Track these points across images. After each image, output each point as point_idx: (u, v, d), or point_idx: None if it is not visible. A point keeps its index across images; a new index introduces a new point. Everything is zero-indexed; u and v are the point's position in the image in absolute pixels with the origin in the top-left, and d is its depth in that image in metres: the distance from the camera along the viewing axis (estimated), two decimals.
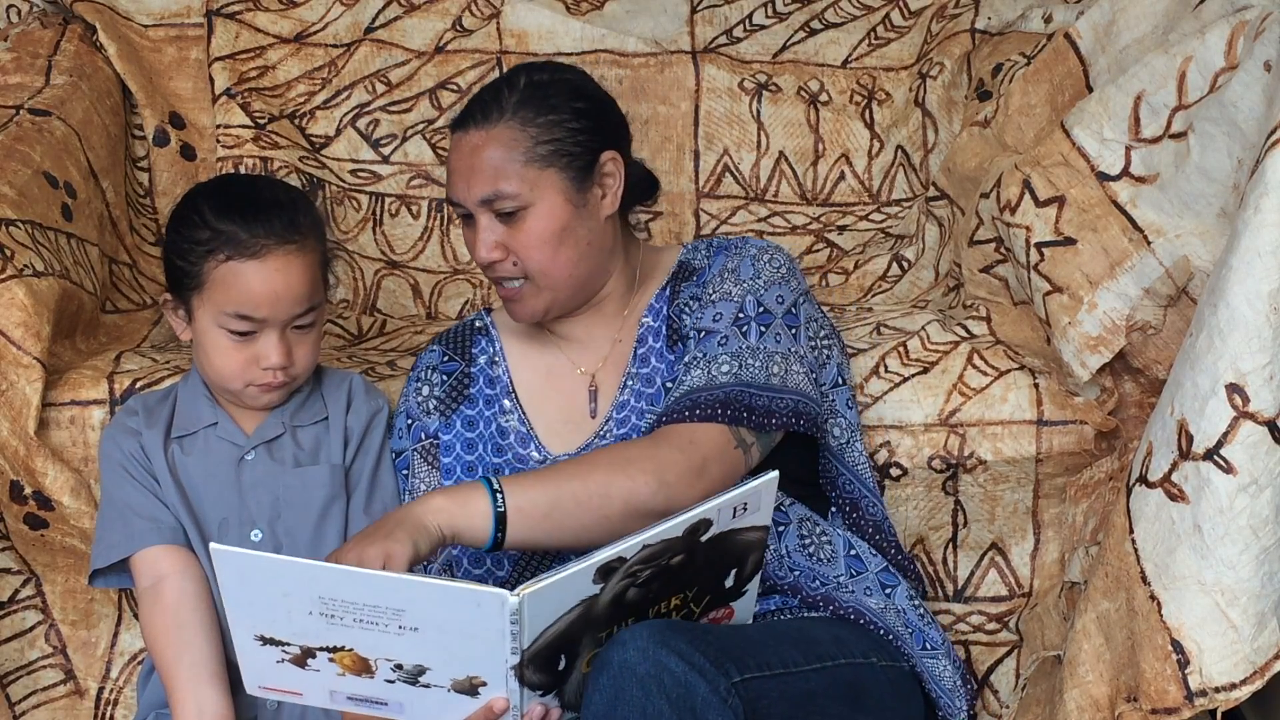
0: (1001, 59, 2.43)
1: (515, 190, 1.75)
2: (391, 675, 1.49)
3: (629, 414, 1.82)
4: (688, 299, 1.84)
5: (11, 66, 2.38)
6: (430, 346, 1.94)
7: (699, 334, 1.78)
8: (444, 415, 1.87)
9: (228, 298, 1.73)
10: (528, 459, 1.82)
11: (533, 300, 1.80)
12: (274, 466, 1.80)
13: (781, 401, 1.73)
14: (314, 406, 1.86)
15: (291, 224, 1.76)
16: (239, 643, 1.50)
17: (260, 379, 1.77)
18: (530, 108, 1.77)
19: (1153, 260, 1.86)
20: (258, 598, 1.45)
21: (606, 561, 1.43)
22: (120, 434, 1.82)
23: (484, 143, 1.76)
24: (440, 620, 1.43)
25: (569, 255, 1.78)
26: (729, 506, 1.49)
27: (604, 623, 1.50)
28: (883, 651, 1.71)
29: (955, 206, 2.30)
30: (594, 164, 1.79)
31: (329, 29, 2.63)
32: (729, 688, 1.47)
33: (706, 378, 1.73)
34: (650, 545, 1.45)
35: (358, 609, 1.43)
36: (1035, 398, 1.96)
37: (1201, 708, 1.54)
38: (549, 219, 1.76)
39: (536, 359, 1.89)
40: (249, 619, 1.48)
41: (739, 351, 1.74)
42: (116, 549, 1.77)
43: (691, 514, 1.46)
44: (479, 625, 1.42)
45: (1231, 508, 1.51)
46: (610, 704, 1.45)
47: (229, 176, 2.39)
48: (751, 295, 1.79)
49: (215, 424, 1.82)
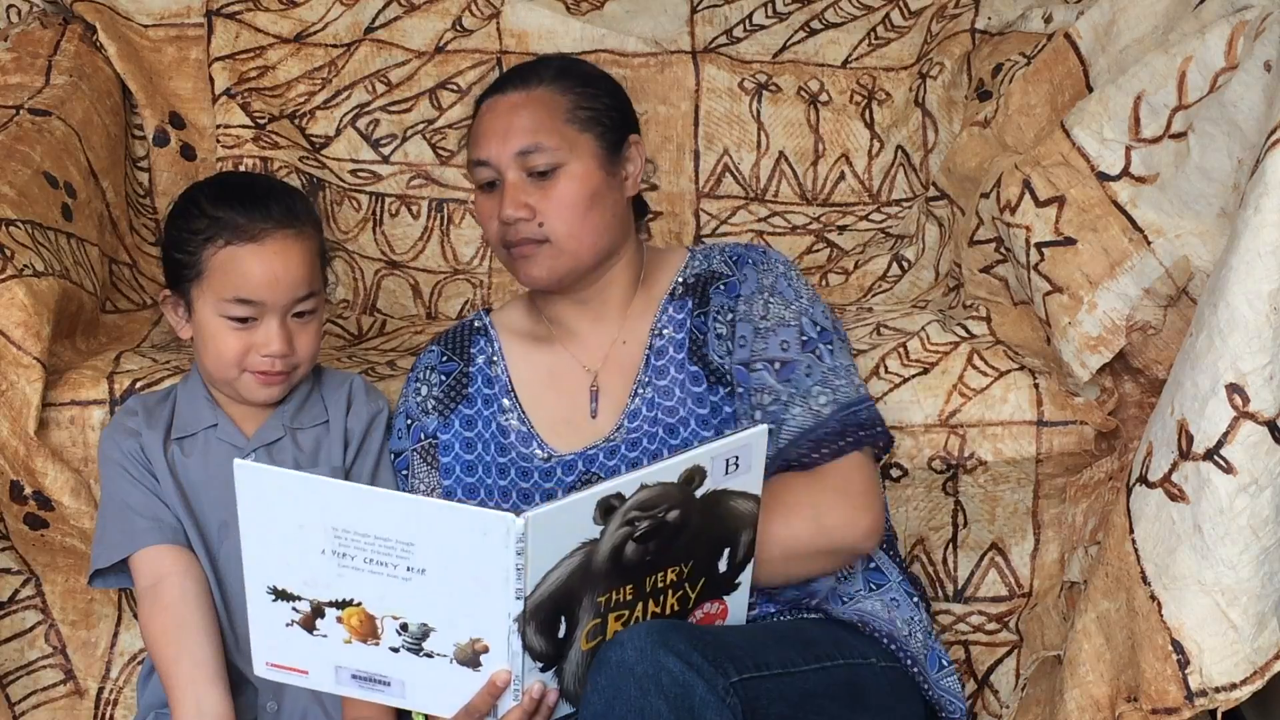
0: (1001, 59, 2.43)
1: (554, 145, 1.75)
2: (396, 641, 1.50)
3: (641, 423, 1.80)
4: (720, 308, 1.82)
5: (11, 66, 2.38)
6: (429, 347, 1.94)
7: (772, 364, 1.77)
8: (442, 415, 1.86)
9: (227, 283, 1.74)
10: (531, 458, 1.82)
11: (551, 261, 1.78)
12: None
13: (874, 409, 1.77)
14: (314, 408, 1.86)
15: (289, 210, 1.78)
16: (252, 601, 1.51)
17: (259, 366, 1.77)
18: (569, 78, 1.80)
19: (1153, 260, 1.86)
20: (274, 531, 1.47)
21: (606, 497, 1.45)
22: (120, 434, 1.82)
23: (522, 102, 1.78)
24: (448, 555, 1.45)
25: (595, 222, 1.78)
26: (720, 457, 1.51)
27: (602, 582, 1.50)
28: (881, 652, 1.71)
29: (955, 206, 2.30)
30: (623, 142, 1.81)
31: (329, 29, 2.63)
32: (727, 687, 1.47)
33: (812, 415, 1.73)
34: (648, 486, 1.47)
35: (368, 543, 1.45)
36: (1035, 398, 1.96)
37: (1201, 708, 1.54)
38: (583, 181, 1.76)
39: (537, 358, 1.88)
40: (263, 561, 1.50)
41: (825, 378, 1.76)
42: (117, 548, 1.77)
43: (685, 457, 1.48)
44: (485, 560, 1.44)
45: (1231, 508, 1.51)
46: (608, 704, 1.45)
47: (226, 173, 2.39)
48: (805, 316, 1.80)
49: (215, 425, 1.82)
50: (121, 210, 2.38)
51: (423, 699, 1.55)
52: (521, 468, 1.82)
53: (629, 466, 1.77)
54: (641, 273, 1.88)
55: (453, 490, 1.83)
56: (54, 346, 1.97)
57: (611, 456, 1.79)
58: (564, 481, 1.79)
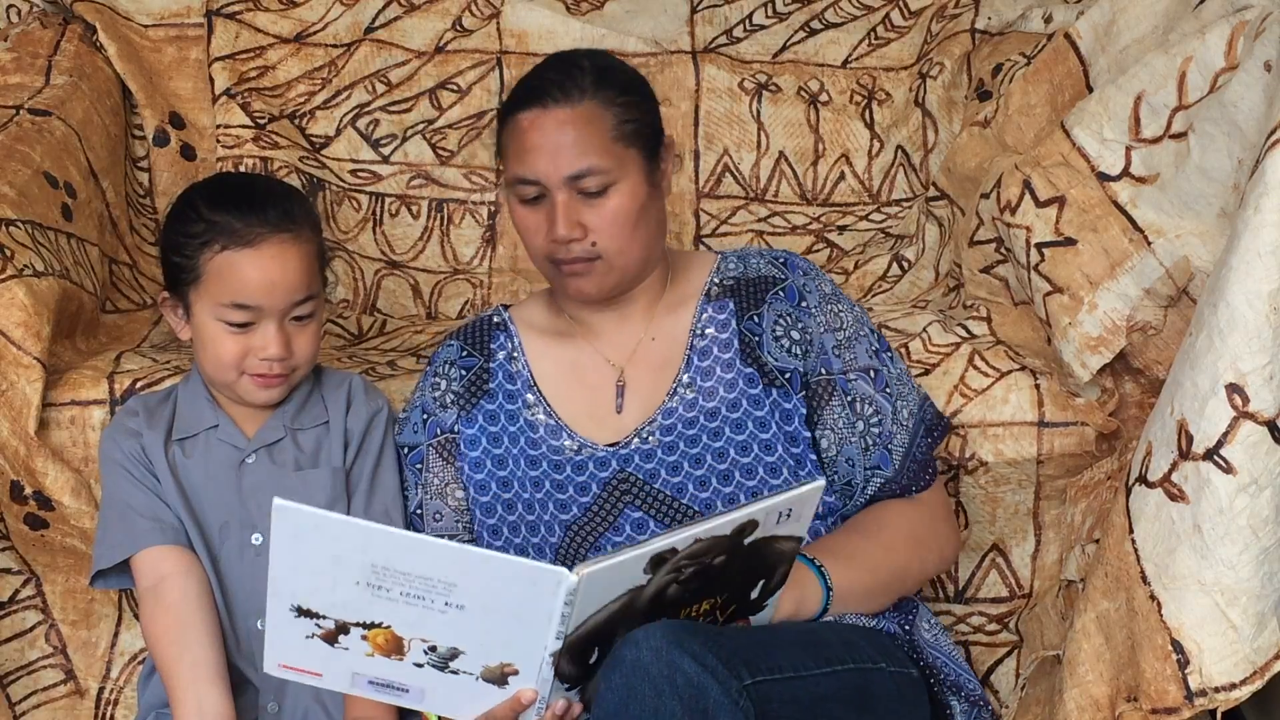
0: (1001, 59, 2.43)
1: (606, 166, 1.74)
2: (422, 658, 1.48)
3: (676, 422, 1.80)
4: (782, 313, 1.82)
5: (11, 66, 2.38)
6: (448, 341, 1.92)
7: (867, 373, 1.82)
8: (464, 410, 1.86)
9: (224, 288, 1.73)
10: (561, 449, 1.81)
11: (602, 278, 1.78)
12: (275, 470, 1.80)
13: (931, 402, 1.90)
14: (314, 409, 1.85)
15: (286, 213, 1.77)
16: (272, 613, 1.47)
17: (257, 369, 1.76)
18: (610, 87, 1.78)
19: (1153, 260, 1.86)
20: (307, 562, 1.43)
21: (660, 551, 1.44)
22: (121, 435, 1.82)
23: (571, 119, 1.75)
24: (491, 597, 1.43)
25: (643, 236, 1.78)
26: (775, 511, 1.50)
27: (640, 618, 1.50)
28: (892, 657, 1.71)
29: (955, 206, 2.30)
30: (659, 146, 1.81)
31: (329, 29, 2.63)
32: (740, 690, 1.47)
33: (905, 431, 1.83)
34: (701, 540, 1.47)
35: (409, 580, 1.42)
36: (1036, 399, 1.96)
37: (1201, 708, 1.54)
38: (632, 198, 1.76)
39: (559, 353, 1.87)
40: (291, 586, 1.45)
41: (897, 389, 1.84)
42: (119, 549, 1.77)
43: (743, 513, 1.48)
44: (529, 604, 1.42)
45: (1231, 508, 1.51)
46: (623, 703, 1.45)
47: (223, 174, 2.38)
48: (864, 325, 1.86)
49: (216, 426, 1.82)
50: (121, 210, 2.38)
51: (441, 705, 1.54)
52: (553, 460, 1.81)
53: (667, 470, 1.77)
54: (669, 272, 1.88)
55: (486, 484, 1.82)
56: (54, 346, 1.97)
57: (649, 459, 1.79)
58: (597, 476, 1.79)
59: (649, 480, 1.77)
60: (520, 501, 1.81)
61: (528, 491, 1.81)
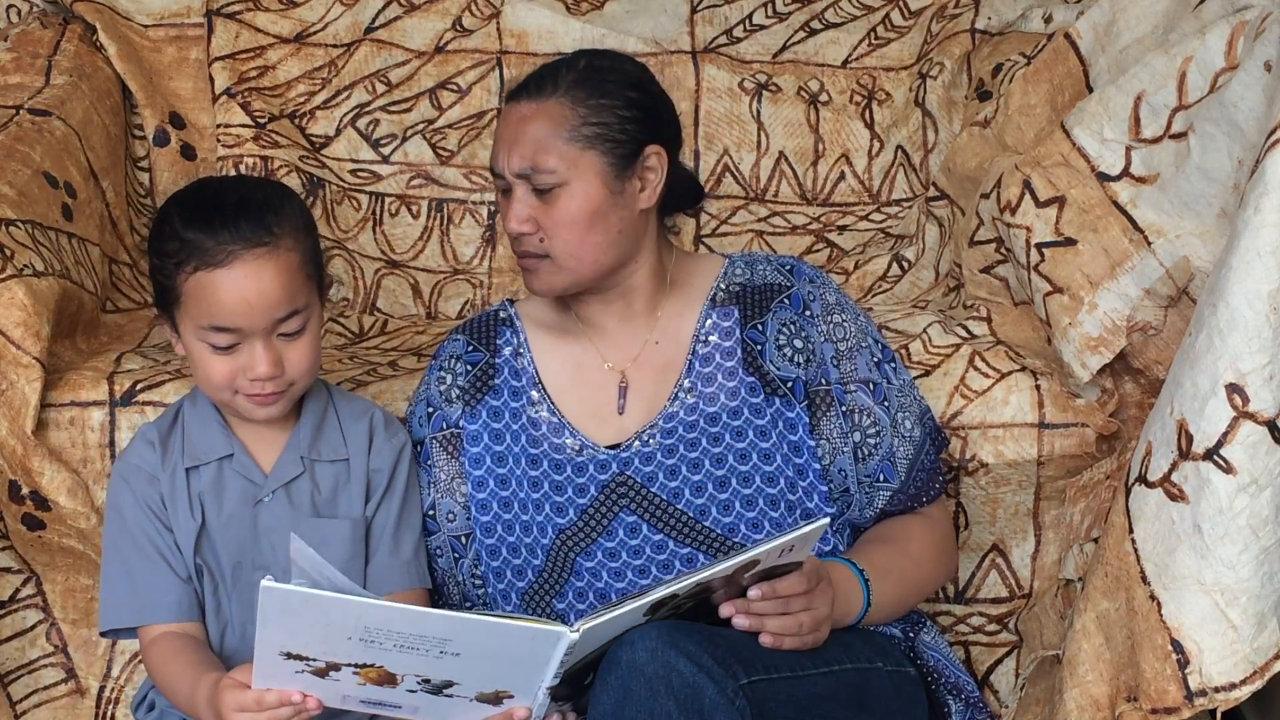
0: (1001, 59, 2.43)
1: (553, 166, 1.74)
2: (415, 687, 1.48)
3: (677, 426, 1.79)
4: (785, 321, 1.82)
5: (11, 66, 2.38)
6: (454, 335, 1.92)
7: (866, 385, 1.82)
8: (468, 404, 1.85)
9: (201, 310, 1.65)
10: (563, 448, 1.81)
11: (550, 277, 1.79)
12: (292, 512, 1.73)
13: (933, 415, 1.90)
14: (332, 436, 1.78)
15: (259, 225, 1.66)
16: (260, 657, 1.46)
17: (249, 390, 1.68)
18: (584, 88, 1.77)
19: (1153, 261, 1.86)
20: (298, 626, 1.42)
21: (661, 599, 1.47)
22: (137, 479, 1.73)
23: (531, 115, 1.76)
24: (488, 652, 1.43)
25: (597, 240, 1.77)
26: (777, 549, 1.51)
27: None
28: (888, 656, 1.71)
29: (955, 206, 2.30)
30: (638, 155, 1.78)
31: (329, 29, 2.63)
32: (736, 690, 1.48)
33: (911, 444, 1.83)
34: (702, 584, 1.49)
35: (403, 636, 1.42)
36: (1037, 400, 1.96)
37: (1201, 708, 1.54)
38: (583, 200, 1.75)
39: (564, 351, 1.87)
40: (280, 639, 1.44)
41: (901, 401, 1.84)
42: (123, 617, 1.72)
43: (746, 556, 1.49)
44: (527, 655, 1.43)
45: (1231, 508, 1.51)
46: (619, 704, 1.46)
47: (205, 181, 2.16)
48: (869, 335, 1.85)
49: (230, 456, 1.74)
50: (121, 210, 2.38)
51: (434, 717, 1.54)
52: (554, 460, 1.81)
53: (665, 474, 1.77)
54: (668, 275, 1.86)
55: (484, 481, 1.82)
56: (54, 346, 1.96)
57: (648, 463, 1.78)
58: (596, 479, 1.78)
59: (646, 484, 1.77)
60: (516, 501, 1.81)
61: (524, 491, 1.80)
